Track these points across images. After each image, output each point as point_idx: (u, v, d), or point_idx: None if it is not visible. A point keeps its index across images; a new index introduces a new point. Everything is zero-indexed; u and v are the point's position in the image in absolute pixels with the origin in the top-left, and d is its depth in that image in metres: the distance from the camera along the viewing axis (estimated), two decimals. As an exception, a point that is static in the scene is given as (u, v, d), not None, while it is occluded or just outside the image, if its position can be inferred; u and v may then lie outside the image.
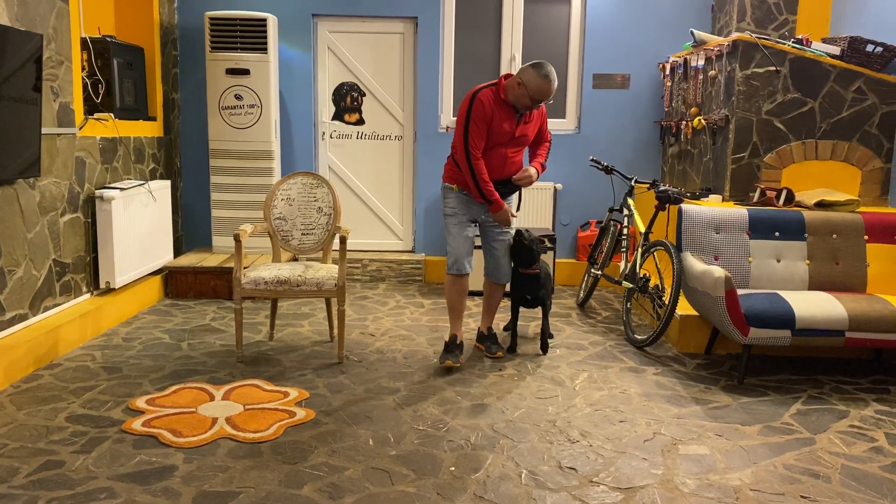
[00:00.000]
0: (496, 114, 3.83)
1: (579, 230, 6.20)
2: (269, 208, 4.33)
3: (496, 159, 3.92)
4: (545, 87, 3.76)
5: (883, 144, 4.64)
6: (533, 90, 3.76)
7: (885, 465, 2.94)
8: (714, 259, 4.20)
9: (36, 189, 4.07)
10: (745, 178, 4.72)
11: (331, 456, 2.91)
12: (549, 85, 3.77)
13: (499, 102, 3.85)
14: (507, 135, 3.88)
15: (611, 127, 6.14)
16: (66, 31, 4.35)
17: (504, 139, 3.89)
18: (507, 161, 3.94)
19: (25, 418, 3.21)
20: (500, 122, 3.84)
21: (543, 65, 3.78)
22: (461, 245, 4.01)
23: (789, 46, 4.63)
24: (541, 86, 3.76)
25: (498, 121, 3.84)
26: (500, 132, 3.86)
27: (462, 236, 4.01)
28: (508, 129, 3.87)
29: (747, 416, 3.40)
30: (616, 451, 3.00)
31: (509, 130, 3.88)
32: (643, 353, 4.32)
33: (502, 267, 4.17)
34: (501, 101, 3.85)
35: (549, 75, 3.77)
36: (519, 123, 3.91)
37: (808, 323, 3.72)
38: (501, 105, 3.85)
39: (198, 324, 4.75)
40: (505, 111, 3.86)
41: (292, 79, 6.05)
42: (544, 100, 3.82)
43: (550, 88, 3.78)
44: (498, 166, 3.94)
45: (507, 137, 3.89)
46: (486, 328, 4.32)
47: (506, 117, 3.86)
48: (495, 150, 3.91)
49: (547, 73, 3.77)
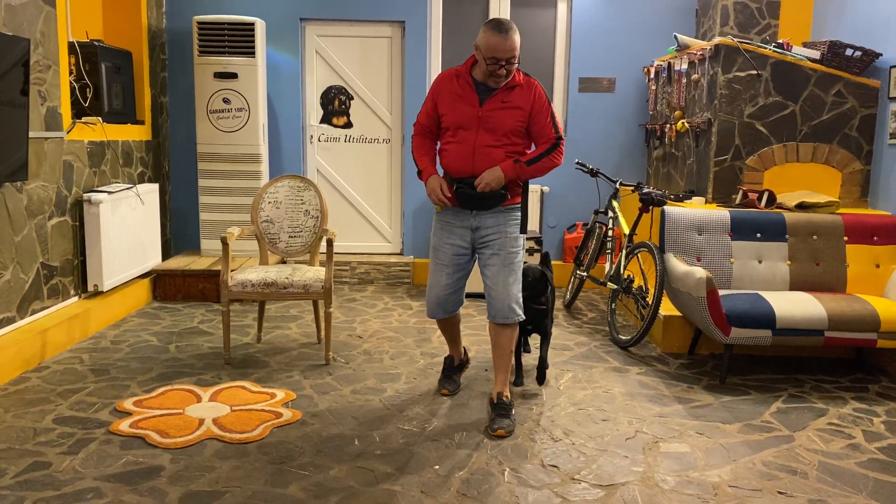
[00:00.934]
0: (448, 88, 3.24)
1: (566, 232, 6.25)
2: (257, 211, 4.36)
3: (458, 148, 3.22)
4: (497, 41, 3.06)
5: (862, 147, 4.71)
6: (486, 49, 3.09)
7: (862, 461, 3.00)
8: (696, 260, 4.26)
9: (23, 193, 4.08)
10: (727, 181, 4.78)
11: (316, 455, 2.94)
12: (500, 37, 3.06)
13: (455, 78, 3.25)
14: (467, 112, 3.19)
15: (597, 130, 6.20)
16: (54, 35, 4.37)
17: (464, 119, 3.20)
18: (477, 153, 3.19)
19: (13, 420, 3.22)
20: (452, 96, 3.23)
21: (494, 18, 3.16)
22: (432, 289, 3.43)
23: (770, 50, 4.70)
24: (490, 41, 3.07)
25: (449, 96, 3.23)
26: (456, 111, 3.21)
27: (435, 279, 3.40)
28: (466, 107, 3.20)
29: (728, 415, 3.45)
30: (598, 450, 3.04)
31: (468, 109, 3.19)
32: (628, 354, 4.37)
33: (495, 301, 3.27)
34: (461, 73, 3.25)
35: (499, 26, 3.07)
36: (485, 102, 3.19)
37: (788, 323, 3.78)
38: (457, 77, 3.24)
39: (186, 326, 4.77)
40: (461, 85, 3.23)
41: (280, 82, 6.08)
42: (503, 57, 3.08)
43: (504, 41, 3.06)
44: (463, 156, 3.21)
45: (468, 117, 3.19)
46: (495, 394, 3.33)
47: (461, 91, 3.22)
48: (459, 133, 3.23)
49: (498, 24, 3.09)
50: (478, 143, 3.20)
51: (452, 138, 3.25)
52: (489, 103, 3.19)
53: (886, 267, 4.24)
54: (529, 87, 3.24)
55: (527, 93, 3.22)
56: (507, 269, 3.26)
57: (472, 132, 3.20)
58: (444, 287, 3.39)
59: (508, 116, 3.19)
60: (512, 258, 3.27)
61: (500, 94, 3.20)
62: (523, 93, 3.22)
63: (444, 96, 3.25)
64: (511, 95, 3.20)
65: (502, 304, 3.26)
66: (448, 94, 3.24)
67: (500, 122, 3.19)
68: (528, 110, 3.22)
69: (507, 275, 3.26)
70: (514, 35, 3.08)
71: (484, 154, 3.19)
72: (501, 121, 3.19)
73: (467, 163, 3.21)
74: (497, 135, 3.20)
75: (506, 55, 3.08)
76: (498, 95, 3.20)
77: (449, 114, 3.24)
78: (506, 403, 3.28)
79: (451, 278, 3.38)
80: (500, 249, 3.27)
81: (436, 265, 3.39)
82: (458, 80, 3.24)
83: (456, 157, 3.23)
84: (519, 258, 3.31)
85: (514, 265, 3.28)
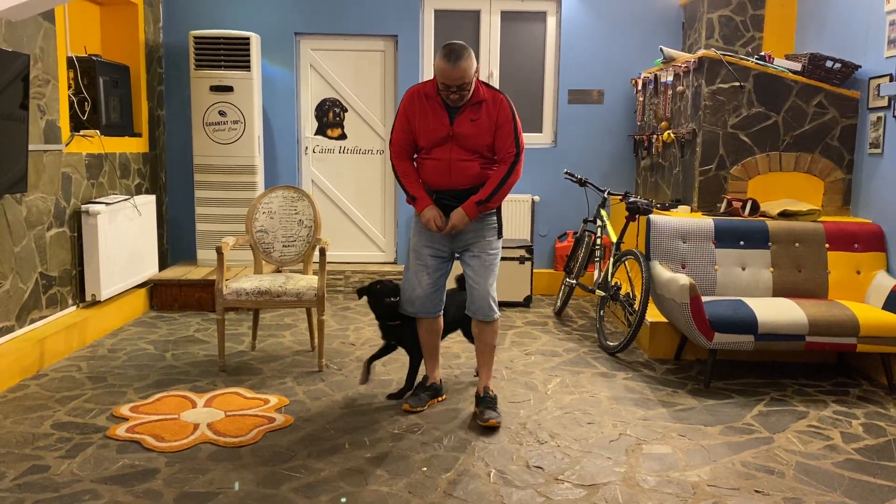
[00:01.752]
0: (419, 108, 3.35)
1: (557, 241, 6.35)
2: (251, 221, 4.46)
3: (435, 165, 3.37)
4: (443, 67, 3.18)
5: (844, 156, 4.82)
6: (438, 74, 3.23)
7: (838, 461, 3.09)
8: (681, 267, 4.36)
9: (23, 204, 4.18)
10: (712, 190, 4.89)
11: (308, 458, 3.02)
12: (446, 65, 3.16)
13: (424, 95, 3.36)
14: (439, 133, 3.32)
15: (586, 141, 6.31)
16: (53, 50, 4.48)
17: (437, 138, 3.33)
18: (453, 167, 3.34)
19: (12, 426, 3.30)
20: (423, 117, 3.34)
21: (449, 43, 3.22)
22: (413, 289, 3.53)
23: (753, 63, 4.82)
24: (439, 67, 3.20)
25: (421, 116, 3.35)
26: (427, 130, 3.34)
27: (417, 279, 3.52)
28: (436, 125, 3.32)
29: (710, 418, 3.54)
30: (582, 451, 3.13)
31: (438, 127, 3.32)
32: (615, 359, 4.46)
33: (476, 300, 3.44)
34: (429, 93, 3.35)
35: (449, 55, 3.17)
36: (455, 119, 3.31)
37: (770, 328, 3.87)
38: (426, 98, 3.35)
39: (182, 335, 4.86)
40: (430, 105, 3.34)
41: (275, 95, 6.19)
42: (451, 84, 3.20)
43: (449, 69, 3.16)
44: (439, 172, 3.37)
45: (440, 137, 3.32)
46: (481, 387, 3.53)
47: (431, 112, 3.33)
48: (433, 151, 3.37)
49: (449, 51, 3.18)
50: (453, 159, 3.35)
51: (427, 155, 3.41)
52: (458, 121, 3.32)
53: (867, 273, 4.34)
54: (496, 103, 3.34)
55: (493, 108, 3.33)
56: (486, 270, 3.45)
57: (446, 149, 3.35)
58: (426, 286, 3.52)
59: (477, 133, 3.33)
60: (491, 260, 3.47)
61: (468, 112, 3.32)
62: (489, 108, 3.33)
63: (417, 115, 3.37)
64: (479, 112, 3.32)
65: (482, 301, 3.45)
66: (420, 114, 3.36)
67: (469, 139, 3.33)
68: (492, 124, 3.33)
69: (486, 275, 3.45)
70: (462, 63, 3.17)
71: (459, 168, 3.36)
72: (470, 137, 3.33)
73: (444, 178, 3.39)
74: (469, 149, 3.35)
75: (455, 82, 3.21)
76: (466, 113, 3.32)
77: (423, 134, 3.38)
78: (492, 397, 3.50)
79: (431, 278, 3.52)
80: (480, 252, 3.46)
81: (417, 266, 3.52)
82: (428, 100, 3.35)
83: (433, 173, 3.40)
84: (496, 260, 3.50)
85: (493, 266, 3.48)
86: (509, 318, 5.46)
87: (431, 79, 3.38)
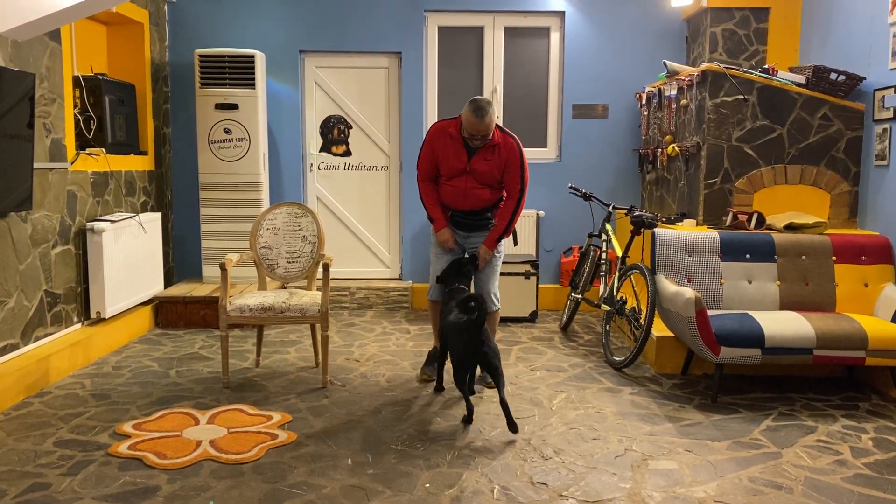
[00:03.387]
0: (442, 144, 4.01)
1: (562, 256, 6.33)
2: (255, 237, 4.46)
3: (453, 190, 4.07)
4: (472, 121, 3.85)
5: (850, 168, 4.79)
6: (466, 125, 3.90)
7: (847, 476, 3.04)
8: (687, 281, 4.33)
9: (28, 222, 4.20)
10: (718, 203, 4.86)
11: (310, 475, 3.00)
12: (474, 119, 3.84)
13: (448, 135, 4.00)
14: (457, 167, 4.00)
15: (591, 155, 6.30)
16: (59, 70, 4.52)
17: (455, 171, 4.01)
18: (468, 193, 4.04)
19: (14, 443, 3.30)
20: (445, 153, 4.01)
21: (476, 100, 3.86)
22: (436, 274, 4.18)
23: (756, 76, 4.81)
24: (468, 120, 3.87)
25: (444, 152, 4.01)
26: (448, 164, 4.02)
27: (439, 266, 4.16)
28: (456, 161, 3.99)
29: (718, 433, 3.50)
30: (587, 467, 3.09)
31: (458, 163, 3.99)
32: (621, 374, 4.43)
33: (482, 293, 4.14)
34: (452, 134, 3.99)
35: (477, 111, 3.83)
36: (472, 157, 3.99)
37: (777, 341, 3.83)
38: (450, 138, 4.00)
39: (186, 352, 4.85)
40: (453, 144, 3.99)
41: (280, 112, 6.22)
42: (476, 134, 3.88)
43: (477, 123, 3.84)
44: (457, 196, 4.08)
45: (458, 170, 4.00)
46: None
47: (453, 149, 3.99)
48: (452, 180, 4.06)
49: (476, 107, 3.83)
50: (468, 187, 4.07)
51: (447, 182, 4.11)
52: (475, 159, 4.02)
53: (875, 286, 4.30)
54: (506, 146, 4.02)
55: (503, 151, 4.01)
56: (491, 270, 4.20)
57: (462, 179, 4.06)
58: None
59: (489, 170, 4.03)
60: (494, 261, 4.20)
61: (483, 152, 4.02)
62: (500, 151, 4.01)
63: (440, 150, 4.05)
64: (492, 153, 4.01)
65: (486, 296, 4.15)
66: (443, 150, 4.04)
67: (483, 174, 4.04)
68: (502, 164, 4.02)
69: (491, 275, 4.20)
70: (487, 119, 3.85)
71: (474, 195, 4.09)
72: (484, 173, 4.03)
73: (461, 201, 4.12)
74: (482, 181, 4.05)
75: (480, 133, 3.91)
76: (481, 153, 4.02)
77: (444, 165, 4.07)
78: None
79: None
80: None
81: (436, 256, 4.23)
82: (451, 140, 4.02)
83: (452, 197, 4.13)
84: (500, 261, 4.24)
85: (497, 267, 4.23)
86: (514, 333, 5.44)
87: (454, 119, 4.05)
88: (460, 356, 3.57)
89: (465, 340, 3.53)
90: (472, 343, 3.51)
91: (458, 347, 3.57)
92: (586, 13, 6.19)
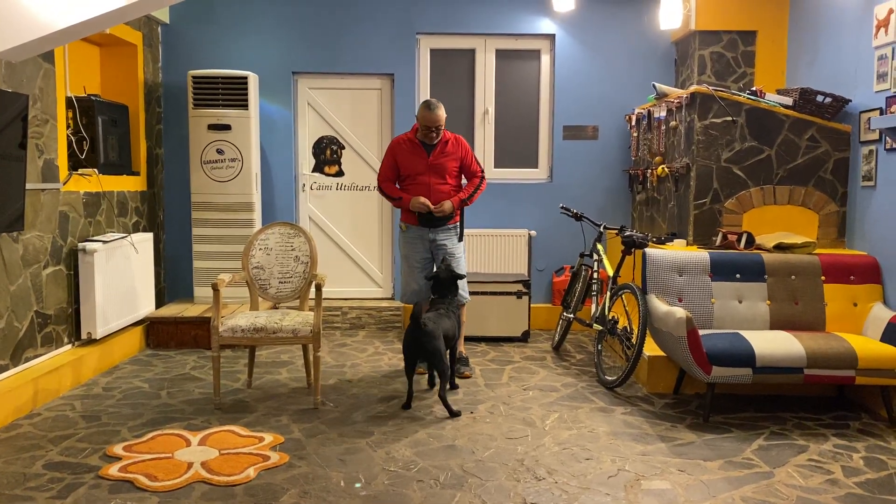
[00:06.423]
0: (402, 151, 4.75)
1: (554, 275, 6.35)
2: (248, 258, 4.47)
3: (419, 186, 4.71)
4: (426, 114, 4.63)
5: (837, 189, 4.85)
6: (422, 119, 4.66)
7: (839, 495, 3.05)
8: (678, 300, 4.35)
9: (19, 243, 4.19)
10: (707, 223, 4.91)
11: (302, 497, 2.98)
12: (427, 112, 4.62)
13: (407, 141, 4.77)
14: (420, 165, 4.70)
15: (582, 176, 6.35)
16: (52, 90, 4.53)
17: (419, 168, 4.70)
18: (432, 189, 4.71)
19: (3, 466, 3.26)
20: (407, 155, 4.73)
21: (427, 100, 4.69)
22: (409, 285, 4.86)
23: (744, 98, 4.87)
24: (423, 115, 4.65)
25: (405, 155, 4.74)
26: (411, 163, 4.72)
27: (413, 278, 4.84)
28: (418, 160, 4.71)
29: (710, 452, 3.50)
30: (580, 488, 3.09)
31: (420, 161, 4.71)
32: (614, 394, 4.43)
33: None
34: (410, 138, 4.76)
35: (429, 105, 4.63)
36: (431, 154, 4.71)
37: (767, 361, 3.85)
38: (409, 143, 4.75)
39: (178, 373, 4.83)
40: (412, 147, 4.74)
41: (273, 133, 6.25)
42: (431, 125, 4.62)
43: (430, 115, 4.61)
44: (422, 193, 4.71)
45: (422, 167, 4.70)
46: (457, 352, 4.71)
47: (413, 151, 4.73)
48: (417, 178, 4.72)
49: (428, 103, 4.65)
50: (431, 183, 4.73)
51: (411, 182, 4.75)
52: (434, 155, 4.74)
53: (864, 305, 4.34)
54: (457, 141, 4.82)
55: (456, 145, 4.79)
56: (456, 265, 4.76)
57: (424, 176, 4.73)
58: (421, 282, 4.81)
59: (447, 162, 4.75)
60: (458, 258, 4.82)
61: (439, 148, 4.75)
62: (453, 145, 4.79)
63: (401, 155, 4.77)
64: (447, 148, 4.76)
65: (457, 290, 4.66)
66: (403, 153, 4.76)
67: (443, 167, 4.74)
68: (459, 157, 4.79)
69: (455, 266, 4.73)
70: (438, 111, 4.64)
71: (436, 190, 4.74)
72: (444, 166, 4.74)
73: (425, 197, 4.70)
74: (442, 175, 4.74)
75: (434, 124, 4.65)
76: (438, 148, 4.74)
77: (406, 165, 4.74)
78: (464, 357, 4.87)
79: (422, 273, 4.82)
80: (449, 255, 4.77)
81: (410, 268, 4.87)
82: (410, 143, 4.76)
83: (417, 194, 4.71)
84: (463, 258, 4.88)
85: (461, 261, 4.84)
86: (507, 353, 5.44)
87: (409, 130, 4.82)
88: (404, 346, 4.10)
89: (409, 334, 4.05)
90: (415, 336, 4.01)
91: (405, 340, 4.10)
92: (576, 36, 6.27)
